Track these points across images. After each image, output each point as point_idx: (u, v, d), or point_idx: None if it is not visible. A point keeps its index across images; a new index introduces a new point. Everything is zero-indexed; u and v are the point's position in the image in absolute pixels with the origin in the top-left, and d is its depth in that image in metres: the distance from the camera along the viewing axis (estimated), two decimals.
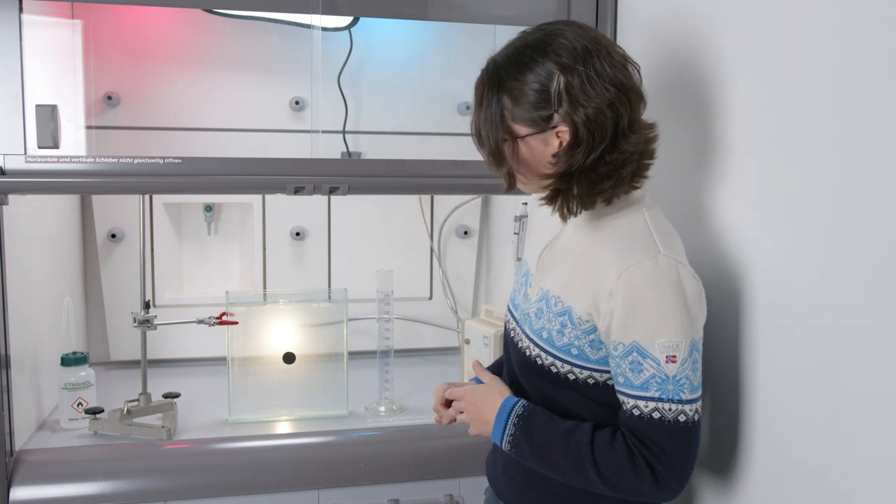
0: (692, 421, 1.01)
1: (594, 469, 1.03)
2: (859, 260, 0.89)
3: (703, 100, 1.26)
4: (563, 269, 1.11)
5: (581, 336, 1.07)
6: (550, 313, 1.10)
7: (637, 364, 1.01)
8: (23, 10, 1.39)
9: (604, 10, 1.58)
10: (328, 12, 1.59)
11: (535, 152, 1.06)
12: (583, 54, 1.02)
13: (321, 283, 2.26)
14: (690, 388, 1.01)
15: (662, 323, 1.00)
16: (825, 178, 0.95)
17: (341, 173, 1.56)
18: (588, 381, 1.09)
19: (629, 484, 1.02)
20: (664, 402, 1.01)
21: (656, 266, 1.01)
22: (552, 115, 1.03)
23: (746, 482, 1.13)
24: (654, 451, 1.01)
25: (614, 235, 1.06)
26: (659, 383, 1.00)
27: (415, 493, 1.62)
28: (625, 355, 1.02)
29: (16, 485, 1.46)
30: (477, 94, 1.09)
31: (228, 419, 1.75)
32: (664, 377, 1.00)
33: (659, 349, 1.00)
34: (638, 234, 1.05)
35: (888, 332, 0.85)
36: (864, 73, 0.88)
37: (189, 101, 2.06)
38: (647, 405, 1.01)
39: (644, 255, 1.02)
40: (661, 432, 1.01)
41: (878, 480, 0.86)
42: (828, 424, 0.95)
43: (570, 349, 1.08)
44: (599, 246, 1.07)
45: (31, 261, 1.67)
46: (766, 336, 1.08)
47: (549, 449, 1.07)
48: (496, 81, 1.06)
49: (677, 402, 1.01)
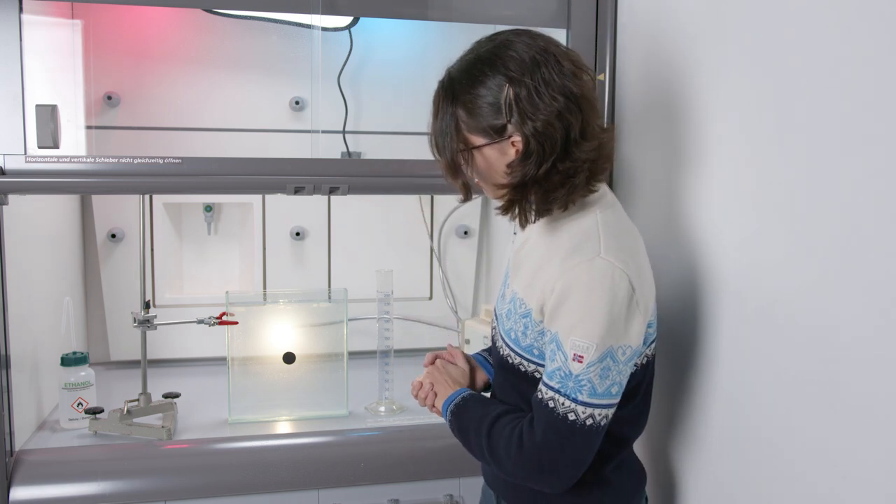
0: (581, 423, 1.03)
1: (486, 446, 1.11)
2: (830, 256, 0.90)
3: (701, 99, 1.26)
4: (526, 272, 1.14)
5: (538, 337, 1.10)
6: (516, 315, 1.14)
7: (552, 353, 1.05)
8: (23, 10, 1.39)
9: (604, 10, 1.58)
10: (328, 12, 1.59)
11: (491, 162, 1.08)
12: (531, 66, 1.03)
13: (321, 283, 2.26)
14: (591, 391, 1.02)
15: (580, 322, 1.01)
16: (804, 178, 0.95)
17: (341, 173, 1.56)
18: None
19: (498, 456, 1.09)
20: (560, 396, 1.04)
21: (591, 268, 1.03)
22: (506, 125, 1.04)
23: (715, 461, 1.15)
24: (533, 434, 1.06)
25: (566, 238, 1.09)
26: (561, 377, 1.03)
27: (415, 493, 1.62)
28: (548, 342, 1.06)
29: (16, 485, 1.46)
30: (434, 105, 1.11)
31: (228, 419, 1.75)
32: (567, 373, 1.03)
33: (570, 345, 1.02)
34: (586, 236, 1.07)
35: (852, 319, 0.86)
36: (852, 75, 0.88)
37: (189, 101, 2.06)
38: (546, 392, 1.05)
39: (584, 257, 1.04)
40: (547, 420, 1.04)
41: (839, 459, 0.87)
42: (793, 408, 0.96)
43: (532, 349, 1.12)
44: (553, 249, 1.10)
45: (31, 261, 1.67)
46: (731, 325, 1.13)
47: (466, 434, 1.16)
48: (451, 94, 1.08)
49: (571, 400, 1.03)
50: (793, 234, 1.01)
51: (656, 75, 1.39)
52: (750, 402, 1.11)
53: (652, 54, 1.42)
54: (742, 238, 1.14)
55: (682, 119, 1.31)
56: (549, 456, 1.05)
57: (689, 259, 1.27)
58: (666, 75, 1.36)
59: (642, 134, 1.48)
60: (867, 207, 0.87)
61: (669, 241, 1.35)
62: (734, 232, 1.16)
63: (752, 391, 1.11)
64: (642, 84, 1.41)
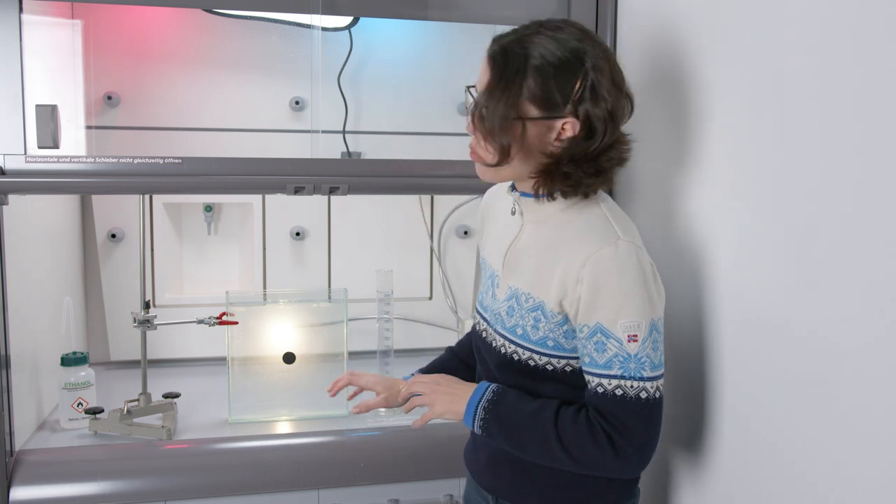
0: (653, 398, 1.06)
1: (558, 444, 1.08)
2: (829, 257, 0.90)
3: (701, 99, 1.26)
4: (528, 267, 1.15)
5: (555, 328, 1.11)
6: (522, 310, 1.14)
7: (601, 344, 1.06)
8: (23, 10, 1.39)
9: (604, 10, 1.58)
10: (328, 12, 1.59)
11: (538, 135, 1.08)
12: (611, 58, 1.10)
13: (321, 283, 2.26)
14: (651, 365, 1.06)
15: (624, 304, 1.04)
16: (799, 176, 0.95)
17: (341, 173, 1.56)
18: (566, 370, 1.14)
19: (591, 457, 1.07)
20: (626, 380, 1.05)
21: (617, 251, 1.06)
22: (565, 106, 1.06)
23: (715, 462, 1.16)
24: (615, 425, 1.06)
25: (576, 228, 1.11)
26: (621, 362, 1.05)
27: (415, 493, 1.62)
28: (589, 336, 1.07)
29: (16, 485, 1.46)
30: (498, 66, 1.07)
31: (228, 419, 1.75)
32: (626, 356, 1.05)
33: (621, 329, 1.04)
34: (597, 223, 1.10)
35: (848, 320, 0.87)
36: (853, 74, 0.88)
37: (189, 101, 2.06)
38: (610, 383, 1.06)
39: (605, 242, 1.07)
40: (623, 408, 1.05)
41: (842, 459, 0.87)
42: (792, 409, 0.97)
43: (546, 342, 1.12)
44: (562, 239, 1.11)
45: (31, 261, 1.67)
46: (731, 325, 1.14)
47: (518, 430, 1.11)
48: (524, 60, 1.06)
49: (638, 380, 1.05)
50: (792, 235, 1.01)
51: (656, 75, 1.39)
52: (748, 403, 1.12)
53: (652, 54, 1.42)
54: (741, 238, 1.14)
55: (681, 119, 1.31)
56: (640, 441, 1.06)
57: (688, 259, 1.27)
58: (665, 75, 1.36)
59: (641, 133, 1.48)
60: (868, 207, 0.87)
61: (667, 241, 1.35)
62: (733, 232, 1.16)
63: (751, 392, 1.11)
64: (642, 84, 1.41)
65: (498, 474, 1.22)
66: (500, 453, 1.20)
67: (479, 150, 1.12)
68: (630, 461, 1.07)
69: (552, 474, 1.16)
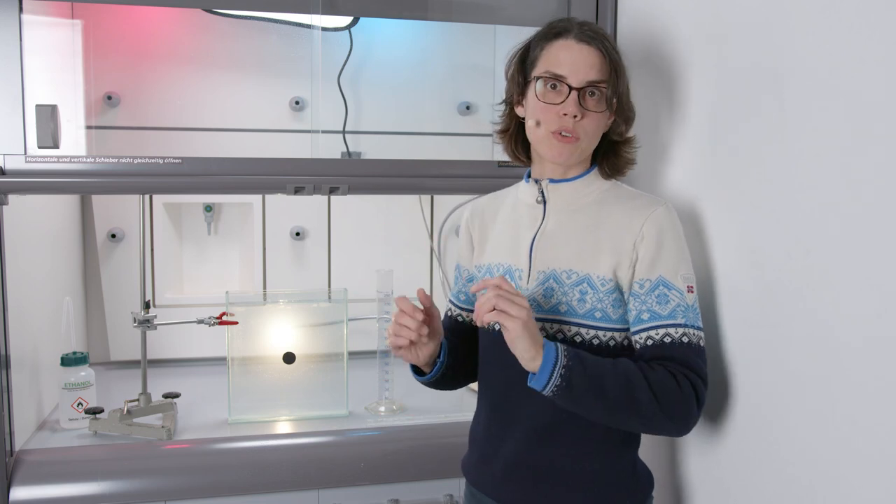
0: (704, 345, 1.14)
1: (646, 388, 1.06)
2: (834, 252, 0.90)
3: (701, 98, 1.26)
4: (566, 247, 1.18)
5: (604, 297, 1.15)
6: (565, 287, 1.16)
7: (664, 296, 1.12)
8: (23, 10, 1.39)
9: (603, 11, 1.58)
10: (328, 12, 1.59)
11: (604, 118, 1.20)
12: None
13: (321, 283, 2.26)
14: (700, 316, 1.14)
15: (681, 258, 1.14)
16: (800, 175, 0.95)
17: (341, 173, 1.56)
18: (609, 344, 1.15)
19: (677, 403, 1.07)
20: (689, 328, 1.12)
21: (668, 211, 1.16)
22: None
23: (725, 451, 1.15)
24: (695, 370, 1.10)
25: (617, 200, 1.20)
26: (683, 311, 1.12)
27: (415, 493, 1.62)
28: (651, 290, 1.13)
29: (16, 485, 1.46)
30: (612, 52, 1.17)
31: (228, 419, 1.75)
32: (687, 305, 1.12)
33: (682, 280, 1.13)
34: (635, 195, 1.21)
35: (854, 309, 0.86)
36: (853, 73, 0.88)
37: (189, 101, 2.06)
38: (677, 331, 1.11)
39: (656, 204, 1.17)
40: (692, 353, 1.11)
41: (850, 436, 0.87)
42: (807, 420, 0.96)
43: (594, 313, 1.15)
44: (608, 213, 1.18)
45: (31, 261, 1.67)
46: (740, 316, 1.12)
47: (602, 377, 1.06)
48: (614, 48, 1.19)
49: (697, 329, 1.13)
50: (795, 231, 1.01)
51: (656, 74, 1.39)
52: (754, 402, 1.12)
53: (651, 53, 1.42)
54: (742, 234, 1.14)
55: (682, 118, 1.31)
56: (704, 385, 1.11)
57: (693, 258, 1.27)
58: (666, 75, 1.36)
59: (642, 133, 1.48)
60: (868, 202, 0.87)
61: None
62: (735, 228, 1.16)
63: (757, 391, 1.10)
64: (642, 83, 1.41)
65: (517, 484, 1.19)
66: (516, 462, 1.18)
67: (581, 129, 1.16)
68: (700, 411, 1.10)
69: (575, 478, 1.15)
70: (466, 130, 2.21)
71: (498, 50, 2.11)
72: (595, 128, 1.17)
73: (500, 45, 2.08)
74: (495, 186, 1.38)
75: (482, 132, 2.22)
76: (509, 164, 1.53)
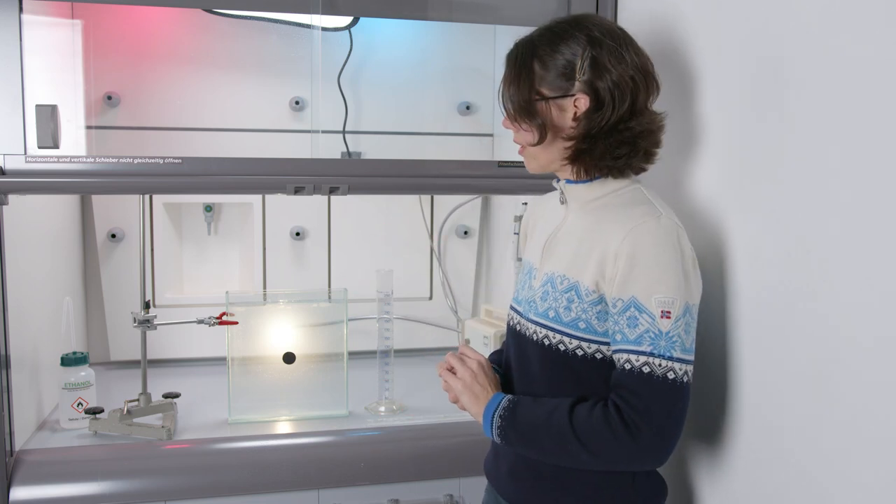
0: (680, 381, 1.03)
1: (575, 440, 1.06)
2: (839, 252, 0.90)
3: (702, 98, 1.26)
4: (566, 250, 1.16)
5: (588, 308, 1.10)
6: (556, 292, 1.14)
7: (633, 319, 1.04)
8: (23, 10, 1.39)
9: (604, 11, 1.58)
10: (328, 12, 1.59)
11: (556, 115, 1.13)
12: (611, 33, 1.12)
13: (321, 283, 2.26)
14: (682, 347, 1.04)
15: (660, 279, 1.04)
16: (802, 174, 0.95)
17: (341, 173, 1.56)
18: (595, 357, 1.11)
19: (608, 447, 1.04)
20: (655, 357, 1.03)
21: (659, 225, 1.06)
22: (574, 83, 1.11)
23: (735, 457, 1.15)
24: (635, 405, 1.03)
25: (617, 207, 1.13)
26: (652, 338, 1.03)
27: (415, 493, 1.62)
28: (623, 311, 1.05)
29: (16, 485, 1.46)
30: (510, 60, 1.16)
31: (228, 419, 1.75)
32: (658, 332, 1.03)
33: (655, 304, 1.03)
34: (639, 202, 1.12)
35: (864, 310, 0.87)
36: (855, 72, 0.88)
37: (189, 101, 2.06)
38: (638, 359, 1.04)
39: (648, 216, 1.08)
40: (649, 387, 1.02)
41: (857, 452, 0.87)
42: (811, 399, 0.96)
43: (578, 323, 1.11)
44: (603, 219, 1.12)
45: (31, 261, 1.67)
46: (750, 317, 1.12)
47: (535, 433, 1.10)
48: (531, 48, 1.14)
49: (668, 359, 1.03)
50: (799, 231, 1.01)
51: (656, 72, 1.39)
52: (765, 406, 1.10)
53: (652, 54, 1.41)
54: (749, 235, 1.13)
55: (682, 118, 1.31)
56: (660, 424, 1.02)
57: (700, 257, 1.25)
58: (666, 75, 1.36)
59: None
60: (871, 202, 0.87)
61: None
62: (741, 228, 1.16)
63: (768, 394, 1.08)
64: None
65: (519, 483, 1.21)
66: (520, 463, 1.20)
67: (520, 138, 1.16)
68: (648, 447, 1.03)
69: (573, 481, 1.14)
70: (466, 130, 2.21)
71: (498, 50, 2.11)
72: (525, 139, 1.15)
73: (500, 45, 2.08)
74: (495, 186, 1.38)
75: (482, 132, 2.22)
76: (509, 164, 1.53)
